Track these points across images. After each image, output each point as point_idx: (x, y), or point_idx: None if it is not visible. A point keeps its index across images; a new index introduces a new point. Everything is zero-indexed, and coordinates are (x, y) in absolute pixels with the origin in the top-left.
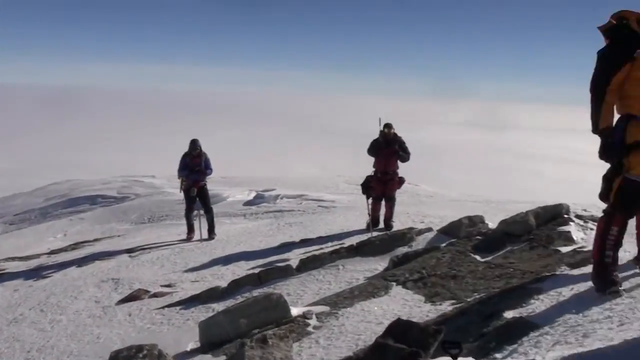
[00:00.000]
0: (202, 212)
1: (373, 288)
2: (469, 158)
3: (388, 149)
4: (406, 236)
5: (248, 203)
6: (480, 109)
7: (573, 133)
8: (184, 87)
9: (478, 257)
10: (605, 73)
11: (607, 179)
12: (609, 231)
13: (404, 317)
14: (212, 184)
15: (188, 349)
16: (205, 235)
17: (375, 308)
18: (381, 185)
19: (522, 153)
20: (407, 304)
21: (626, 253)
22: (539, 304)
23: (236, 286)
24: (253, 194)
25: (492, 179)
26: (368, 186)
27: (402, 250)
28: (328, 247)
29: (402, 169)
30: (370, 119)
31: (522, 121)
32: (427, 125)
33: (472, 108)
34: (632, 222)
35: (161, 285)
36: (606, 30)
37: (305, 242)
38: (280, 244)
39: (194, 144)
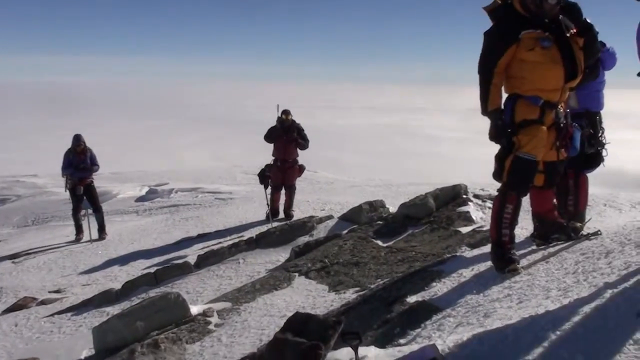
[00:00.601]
0: (90, 211)
1: (275, 280)
2: (371, 143)
3: (286, 136)
4: (307, 225)
5: (140, 199)
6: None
7: (470, 113)
8: (61, 79)
9: (380, 243)
10: (491, 54)
11: (500, 158)
12: (504, 210)
13: (308, 308)
14: (100, 181)
15: (82, 357)
16: (95, 235)
17: (278, 300)
18: (280, 174)
19: (420, 135)
20: (310, 295)
21: (523, 230)
22: (441, 287)
23: (131, 287)
24: (145, 189)
25: (392, 162)
26: (265, 175)
27: (303, 239)
28: (227, 241)
29: (302, 156)
30: (268, 105)
31: (416, 103)
32: (329, 110)
33: (369, 91)
34: (526, 199)
35: (49, 292)
36: (491, 10)
37: (203, 237)
38: (177, 240)
39: (77, 139)
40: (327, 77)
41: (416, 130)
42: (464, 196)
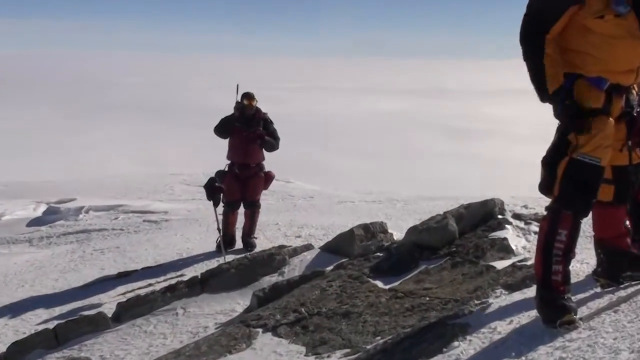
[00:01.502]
0: None
1: (229, 339)
2: (367, 138)
3: (248, 130)
4: (275, 259)
5: (35, 222)
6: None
7: (511, 94)
8: None
9: (380, 284)
10: (543, 16)
11: (549, 162)
12: (556, 236)
13: None
14: None
15: None
16: None
17: None
18: (238, 185)
19: (437, 126)
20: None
21: (582, 265)
22: (466, 347)
23: (21, 351)
24: (42, 208)
25: (397, 167)
26: (215, 188)
27: (270, 280)
28: (160, 282)
29: (270, 159)
30: (222, 87)
31: (439, 81)
32: (307, 92)
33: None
34: (587, 221)
35: None
36: None
37: (125, 277)
38: (88, 281)
39: None
40: (303, 50)
41: (431, 118)
42: (499, 216)
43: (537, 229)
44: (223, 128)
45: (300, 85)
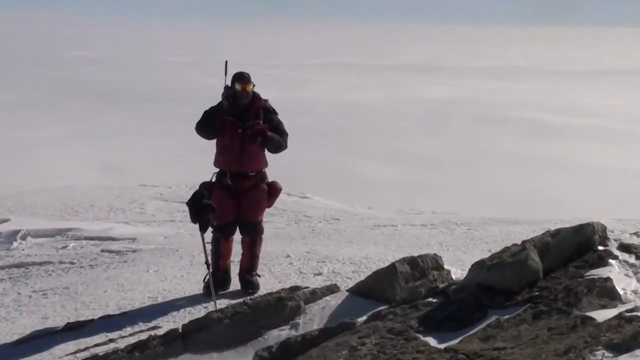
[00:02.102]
0: None
1: None
2: (410, 134)
3: (244, 126)
4: (286, 305)
5: None
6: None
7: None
8: None
9: (432, 341)
10: None
11: None
12: None
13: None
14: None
15: None
16: None
17: None
18: (233, 202)
19: (512, 120)
20: None
21: None
22: None
23: None
24: None
25: (453, 175)
26: (203, 206)
27: (278, 334)
28: (125, 337)
29: (275, 165)
30: (207, 62)
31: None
32: (328, 73)
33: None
34: None
35: None
36: None
37: (77, 329)
38: (24, 335)
39: None
40: (318, 12)
41: (500, 108)
42: (600, 248)
43: None
44: (208, 124)
45: (319, 61)
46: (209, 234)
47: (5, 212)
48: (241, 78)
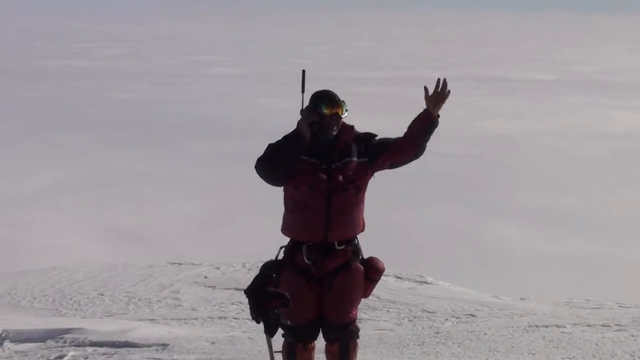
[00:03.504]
0: None
1: None
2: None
3: (334, 169)
4: None
5: None
6: None
7: None
8: None
9: None
10: None
11: None
12: None
13: None
14: None
15: None
16: None
17: None
18: (314, 293)
19: None
20: None
21: None
22: None
23: None
24: None
25: None
26: (270, 297)
27: None
28: None
29: (371, 229)
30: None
31: None
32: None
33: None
34: None
35: None
36: None
37: None
38: None
39: None
40: None
41: None
42: None
43: None
44: (279, 158)
45: (425, 72)
46: (278, 339)
47: None
48: (330, 98)
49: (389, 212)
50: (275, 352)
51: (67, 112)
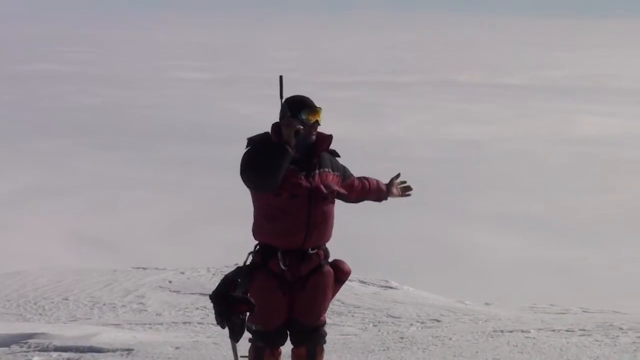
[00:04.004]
0: None
1: None
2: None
3: (311, 175)
4: None
5: None
6: None
7: None
8: None
9: None
10: None
11: None
12: None
13: None
14: None
15: None
16: None
17: None
18: (285, 299)
19: None
20: None
21: None
22: None
23: None
24: None
25: (612, 252)
26: (235, 302)
27: None
28: None
29: (341, 232)
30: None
31: None
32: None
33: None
34: None
35: None
36: None
37: None
38: None
39: None
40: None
41: None
42: None
43: None
44: (276, 170)
45: (408, 77)
46: (244, 343)
47: None
48: (310, 106)
49: (354, 217)
50: (241, 357)
51: (36, 116)
